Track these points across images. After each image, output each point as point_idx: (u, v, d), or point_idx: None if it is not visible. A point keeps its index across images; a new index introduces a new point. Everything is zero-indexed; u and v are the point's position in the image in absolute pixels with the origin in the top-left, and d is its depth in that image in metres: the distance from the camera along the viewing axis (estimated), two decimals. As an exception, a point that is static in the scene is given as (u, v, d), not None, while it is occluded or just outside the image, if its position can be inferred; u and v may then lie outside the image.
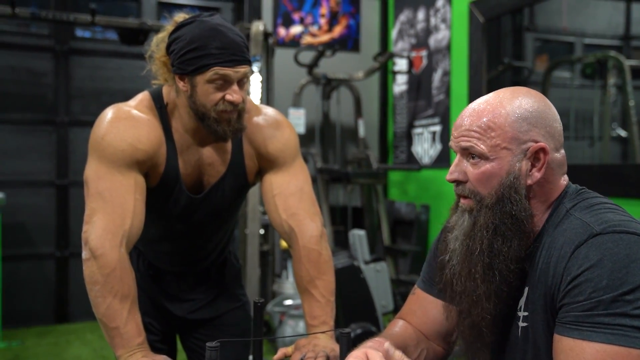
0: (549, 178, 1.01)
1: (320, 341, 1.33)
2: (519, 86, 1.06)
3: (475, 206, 1.02)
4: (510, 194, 0.98)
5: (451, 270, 1.05)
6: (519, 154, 0.98)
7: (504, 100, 1.01)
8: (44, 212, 4.09)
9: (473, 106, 1.03)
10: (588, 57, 3.92)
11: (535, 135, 0.98)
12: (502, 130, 0.98)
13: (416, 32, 4.34)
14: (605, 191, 1.08)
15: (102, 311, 1.24)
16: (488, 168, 0.99)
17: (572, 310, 0.90)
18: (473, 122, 1.00)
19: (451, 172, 1.04)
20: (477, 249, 1.00)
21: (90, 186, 1.30)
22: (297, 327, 3.28)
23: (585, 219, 0.95)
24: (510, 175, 0.98)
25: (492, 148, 0.98)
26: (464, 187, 1.03)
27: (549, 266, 0.96)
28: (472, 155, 1.01)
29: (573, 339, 0.89)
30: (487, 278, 1.00)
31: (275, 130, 1.48)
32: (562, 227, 0.97)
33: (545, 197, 1.02)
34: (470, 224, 1.02)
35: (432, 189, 4.11)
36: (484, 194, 1.00)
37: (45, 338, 3.76)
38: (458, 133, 1.02)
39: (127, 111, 1.36)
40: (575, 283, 0.90)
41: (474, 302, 1.02)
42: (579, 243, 0.92)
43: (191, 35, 1.28)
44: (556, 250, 0.95)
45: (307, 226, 1.42)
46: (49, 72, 4.10)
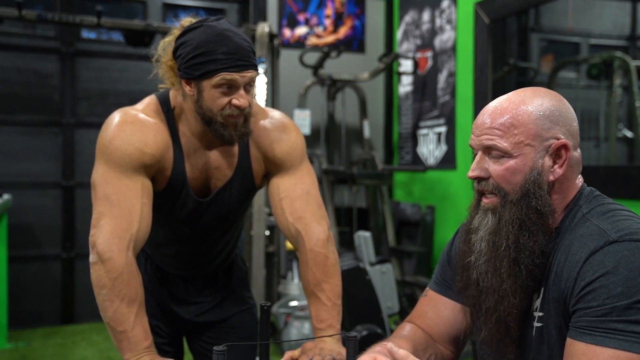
0: (568, 176, 1.03)
1: (327, 345, 1.33)
2: (536, 87, 1.07)
3: (499, 203, 1.03)
4: (535, 190, 1.00)
5: (477, 270, 1.06)
6: (542, 150, 1.00)
7: (526, 98, 1.03)
8: (50, 213, 4.11)
9: (494, 104, 1.05)
10: (594, 58, 3.90)
11: (557, 133, 1.01)
12: (525, 127, 1.00)
13: (421, 33, 4.33)
14: (612, 193, 1.09)
15: (110, 315, 1.24)
16: (512, 164, 1.01)
17: (586, 316, 0.91)
18: (495, 120, 1.02)
19: (472, 169, 1.06)
20: (503, 244, 1.02)
21: (97, 190, 1.31)
22: (303, 328, 3.29)
23: (602, 226, 0.96)
24: (534, 171, 1.00)
25: (516, 145, 1.00)
26: (487, 183, 1.04)
27: (563, 270, 0.97)
28: (495, 152, 1.02)
29: (586, 344, 0.90)
30: (513, 273, 1.01)
31: (282, 134, 1.48)
32: (579, 231, 0.98)
33: (564, 194, 1.04)
34: (495, 222, 1.04)
35: (438, 190, 4.10)
36: (508, 190, 1.02)
37: (52, 339, 3.78)
38: (480, 131, 1.04)
39: (134, 115, 1.37)
40: (589, 289, 0.91)
41: (500, 297, 1.03)
42: (594, 249, 0.93)
43: (198, 40, 1.29)
44: (571, 255, 0.96)
45: (314, 229, 1.42)
46: (55, 74, 4.12)
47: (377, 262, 3.15)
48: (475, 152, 1.07)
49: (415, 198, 4.39)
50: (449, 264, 1.23)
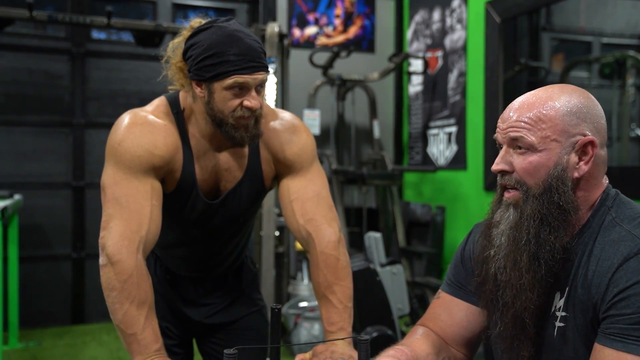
0: (594, 173, 1.02)
1: (338, 348, 1.31)
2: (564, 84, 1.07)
3: (521, 197, 1.03)
4: (558, 185, 0.99)
5: (496, 265, 1.06)
6: (568, 146, 1.00)
7: (554, 94, 1.02)
8: (61, 213, 4.13)
9: (522, 99, 1.05)
10: (606, 57, 3.87)
11: (584, 129, 1.00)
12: (552, 122, 1.00)
13: (431, 32, 4.31)
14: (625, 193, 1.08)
15: (120, 317, 1.24)
16: (536, 159, 1.00)
17: (618, 322, 0.90)
18: (523, 114, 1.02)
19: (497, 162, 1.05)
20: (523, 238, 1.01)
21: (107, 192, 1.30)
22: (312, 329, 3.28)
23: (634, 232, 0.95)
24: (558, 167, 1.00)
25: (542, 139, 1.00)
26: (510, 177, 1.04)
27: (594, 274, 0.96)
28: (520, 146, 1.02)
29: (617, 351, 0.89)
30: (532, 268, 1.00)
31: (292, 135, 1.47)
32: (610, 236, 0.97)
33: (589, 192, 1.03)
34: (516, 216, 1.03)
35: (448, 190, 4.08)
36: (530, 184, 1.01)
37: (62, 339, 3.79)
38: (506, 125, 1.04)
39: (144, 117, 1.36)
40: (622, 296, 0.90)
41: (517, 292, 1.02)
42: (628, 256, 0.92)
43: (209, 42, 1.28)
44: (603, 260, 0.95)
45: (325, 231, 1.41)
46: (66, 75, 4.13)
47: (388, 263, 3.13)
48: (500, 145, 1.06)
49: (426, 198, 4.37)
50: (463, 265, 1.21)
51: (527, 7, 3.41)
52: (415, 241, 4.26)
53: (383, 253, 3.15)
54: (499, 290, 1.06)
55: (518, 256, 1.02)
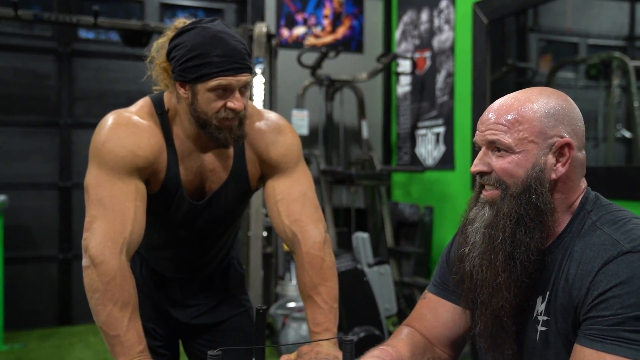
0: (571, 176, 1.03)
1: (323, 348, 1.31)
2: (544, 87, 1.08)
3: (499, 196, 1.03)
4: (537, 186, 1.00)
5: (471, 263, 1.07)
6: (545, 148, 1.01)
7: (532, 96, 1.03)
8: (47, 214, 4.10)
9: (500, 102, 1.06)
10: (592, 58, 3.90)
11: (562, 131, 1.01)
12: (529, 124, 1.01)
13: (420, 33, 4.32)
14: (610, 193, 1.09)
15: (103, 319, 1.23)
16: (514, 159, 1.01)
17: (598, 324, 0.91)
18: (500, 116, 1.03)
19: (475, 164, 1.06)
20: (499, 237, 1.02)
21: (90, 193, 1.29)
22: (300, 329, 3.27)
23: (614, 235, 0.96)
24: (536, 168, 1.00)
25: (519, 141, 1.01)
26: (489, 177, 1.05)
27: (575, 278, 0.97)
28: (498, 148, 1.03)
29: (596, 351, 0.90)
30: (508, 267, 1.01)
31: (278, 136, 1.47)
32: (590, 240, 0.98)
33: (567, 195, 1.03)
34: (492, 215, 1.04)
35: (436, 190, 4.09)
36: (509, 184, 1.02)
37: (48, 340, 3.76)
38: (484, 127, 1.05)
39: (128, 117, 1.35)
40: (602, 298, 0.91)
41: (494, 290, 1.03)
42: (608, 259, 0.93)
43: (192, 43, 1.27)
44: (584, 264, 0.96)
45: (310, 232, 1.41)
46: (52, 74, 4.10)
47: (375, 263, 3.14)
48: (479, 147, 1.07)
49: (414, 199, 4.38)
50: (448, 266, 1.22)
51: (514, 8, 3.43)
52: (403, 241, 4.27)
53: (370, 253, 3.15)
54: (476, 288, 1.06)
55: (493, 255, 1.03)
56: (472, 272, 1.06)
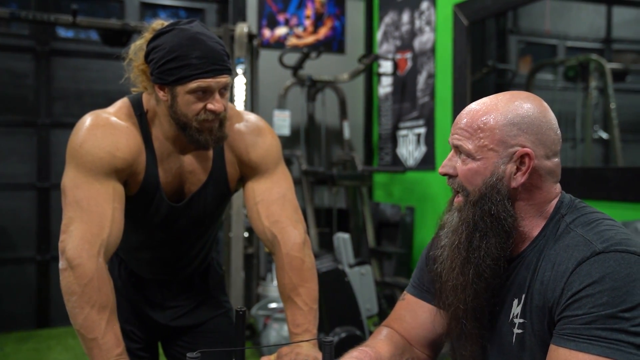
0: (537, 183, 1.03)
1: (303, 349, 1.31)
2: (521, 91, 1.09)
3: (462, 202, 1.06)
4: (492, 194, 1.01)
5: (442, 265, 1.10)
6: (505, 156, 1.01)
7: (500, 103, 1.04)
8: (25, 215, 4.04)
9: (471, 107, 1.07)
10: (570, 60, 3.95)
11: (524, 141, 1.01)
12: (491, 132, 1.02)
13: (401, 34, 4.34)
14: (587, 194, 1.11)
15: (80, 322, 1.22)
16: (473, 167, 1.03)
17: (571, 323, 0.92)
18: (467, 122, 1.05)
19: (443, 165, 1.09)
20: (456, 242, 1.05)
21: (67, 195, 1.28)
22: (282, 330, 3.27)
23: (587, 236, 0.97)
24: (494, 176, 1.02)
25: (479, 148, 1.02)
26: (454, 181, 1.07)
27: (550, 279, 0.98)
28: (461, 152, 1.05)
29: (569, 350, 0.91)
30: (464, 271, 1.04)
31: (257, 137, 1.47)
32: (564, 242, 0.99)
33: (534, 201, 1.04)
34: (457, 221, 1.07)
35: (417, 191, 4.12)
36: (469, 190, 1.04)
37: (26, 343, 3.71)
38: (453, 130, 1.07)
39: (106, 118, 1.34)
40: (575, 298, 0.92)
41: (454, 292, 1.06)
42: (581, 260, 0.94)
43: (170, 45, 1.26)
44: (558, 265, 0.97)
45: (290, 233, 1.41)
46: (30, 73, 4.04)
47: (356, 264, 3.15)
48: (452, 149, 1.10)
49: (395, 199, 4.40)
50: (427, 267, 1.23)
51: (494, 10, 3.46)
52: (384, 241, 4.29)
53: (352, 254, 3.16)
54: (444, 290, 1.10)
55: (452, 259, 1.06)
56: (442, 273, 1.10)
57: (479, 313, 1.06)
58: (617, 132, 3.37)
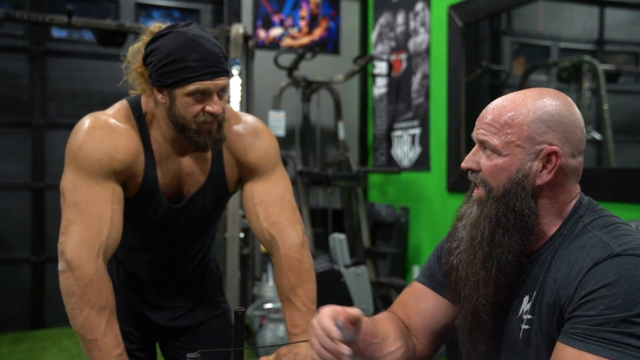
0: (561, 182, 1.03)
1: (302, 350, 1.33)
2: (549, 88, 1.08)
3: (484, 196, 1.05)
4: (517, 190, 1.01)
5: (458, 257, 1.09)
6: (532, 153, 1.01)
7: (528, 99, 1.03)
8: (20, 216, 4.02)
9: (498, 101, 1.06)
10: (564, 61, 3.97)
11: (551, 139, 1.01)
12: (518, 128, 1.01)
13: (396, 35, 4.36)
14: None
15: (80, 323, 1.22)
16: (499, 162, 1.02)
17: (582, 323, 0.92)
18: (494, 117, 1.04)
19: (466, 160, 1.08)
20: (478, 237, 1.04)
21: (66, 197, 1.28)
22: (278, 331, 3.28)
23: (604, 238, 0.97)
24: (520, 173, 1.01)
25: (506, 144, 1.02)
26: (477, 176, 1.07)
27: (563, 278, 0.98)
28: (487, 148, 1.04)
29: (578, 350, 0.91)
30: (485, 266, 1.03)
31: (255, 139, 1.48)
32: (581, 242, 0.99)
33: (556, 200, 1.04)
34: (477, 214, 1.06)
35: (412, 191, 4.13)
36: (493, 186, 1.04)
37: (21, 344, 3.70)
38: (479, 125, 1.06)
39: (105, 120, 1.35)
40: (589, 298, 0.92)
41: (474, 286, 1.05)
42: (597, 260, 0.94)
43: (168, 48, 1.27)
44: (573, 264, 0.97)
45: (288, 234, 1.42)
46: (24, 74, 4.03)
47: (352, 264, 3.16)
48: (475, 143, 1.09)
49: (390, 199, 4.42)
50: (439, 259, 1.24)
51: (488, 11, 3.48)
52: (379, 242, 4.30)
53: (347, 254, 3.18)
54: (460, 282, 1.09)
55: (473, 253, 1.05)
56: (459, 266, 1.09)
57: (498, 308, 1.05)
58: (610, 133, 3.39)
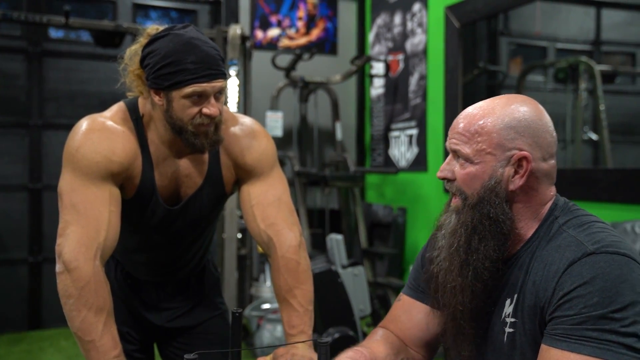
0: (534, 186, 1.05)
1: (299, 351, 1.33)
2: (517, 94, 1.10)
3: (460, 205, 1.07)
4: (491, 197, 1.03)
5: (438, 265, 1.11)
6: (503, 160, 1.03)
7: (497, 107, 1.05)
8: (17, 216, 4.02)
9: (468, 111, 1.08)
10: (560, 62, 3.98)
11: (521, 144, 1.02)
12: (488, 136, 1.03)
13: (393, 36, 4.36)
14: (577, 195, 1.12)
15: (77, 325, 1.23)
16: (472, 170, 1.04)
17: (562, 324, 0.93)
18: (465, 126, 1.06)
19: (441, 169, 1.10)
20: (455, 244, 1.06)
21: (64, 199, 1.29)
22: (275, 331, 3.28)
23: (579, 237, 0.99)
24: (492, 179, 1.03)
25: (477, 152, 1.03)
26: (453, 185, 1.08)
27: (542, 279, 0.99)
28: (460, 157, 1.06)
29: (561, 350, 0.92)
30: (462, 273, 1.05)
31: (252, 140, 1.48)
32: (556, 242, 1.01)
33: (531, 203, 1.06)
34: (454, 222, 1.08)
35: (409, 191, 4.14)
36: (468, 194, 1.06)
37: (18, 345, 3.69)
38: (451, 135, 1.08)
39: (102, 122, 1.35)
40: (567, 298, 0.94)
41: (452, 294, 1.07)
42: (573, 260, 0.96)
43: (165, 50, 1.27)
44: (549, 265, 0.99)
45: (286, 236, 1.43)
46: (22, 74, 4.02)
47: (349, 264, 3.16)
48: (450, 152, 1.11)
49: (387, 200, 4.43)
50: (423, 268, 1.25)
51: (485, 12, 3.49)
52: (377, 242, 4.31)
53: (345, 255, 3.18)
54: (439, 290, 1.11)
55: (450, 261, 1.07)
56: (438, 274, 1.11)
57: (476, 314, 1.07)
58: (607, 134, 3.41)
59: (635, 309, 0.90)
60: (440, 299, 1.11)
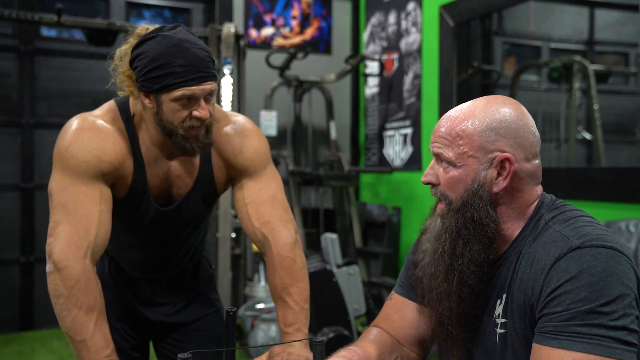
0: (518, 187, 1.04)
1: (295, 349, 1.32)
2: (497, 95, 1.09)
3: (445, 210, 1.06)
4: (475, 200, 1.02)
5: (422, 270, 1.11)
6: (486, 162, 1.02)
7: (477, 109, 1.04)
8: (9, 216, 3.99)
9: (449, 114, 1.07)
10: (554, 62, 3.99)
11: (502, 146, 1.01)
12: (470, 139, 1.02)
13: (387, 35, 4.36)
14: (571, 194, 1.11)
15: (68, 324, 1.21)
16: (455, 174, 1.03)
17: (551, 321, 0.93)
18: (446, 129, 1.04)
19: (425, 174, 1.09)
20: (440, 249, 1.05)
21: (54, 198, 1.27)
22: (269, 331, 3.27)
23: (564, 232, 0.98)
24: (475, 182, 1.02)
25: (460, 155, 1.02)
26: (436, 190, 1.07)
27: (529, 277, 0.99)
28: (442, 160, 1.05)
29: (552, 348, 0.92)
30: (448, 278, 1.04)
31: (244, 140, 1.47)
32: (543, 239, 1.00)
33: (516, 204, 1.05)
34: (439, 227, 1.07)
35: (404, 191, 4.14)
36: (452, 198, 1.05)
37: (10, 346, 3.66)
38: (433, 139, 1.07)
39: (92, 122, 1.33)
40: (554, 294, 0.93)
41: (437, 299, 1.07)
42: (558, 256, 0.95)
43: (154, 52, 1.25)
44: (536, 262, 0.98)
45: (281, 234, 1.42)
46: (14, 73, 3.99)
47: (344, 264, 3.15)
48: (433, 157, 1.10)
49: (382, 199, 4.42)
50: (413, 267, 1.24)
51: (479, 11, 3.49)
52: (371, 241, 4.30)
53: (339, 254, 3.17)
54: (425, 295, 1.11)
55: (435, 266, 1.06)
56: (423, 278, 1.11)
57: (464, 318, 1.06)
58: (600, 133, 3.42)
59: (623, 302, 0.89)
60: (427, 304, 1.11)
